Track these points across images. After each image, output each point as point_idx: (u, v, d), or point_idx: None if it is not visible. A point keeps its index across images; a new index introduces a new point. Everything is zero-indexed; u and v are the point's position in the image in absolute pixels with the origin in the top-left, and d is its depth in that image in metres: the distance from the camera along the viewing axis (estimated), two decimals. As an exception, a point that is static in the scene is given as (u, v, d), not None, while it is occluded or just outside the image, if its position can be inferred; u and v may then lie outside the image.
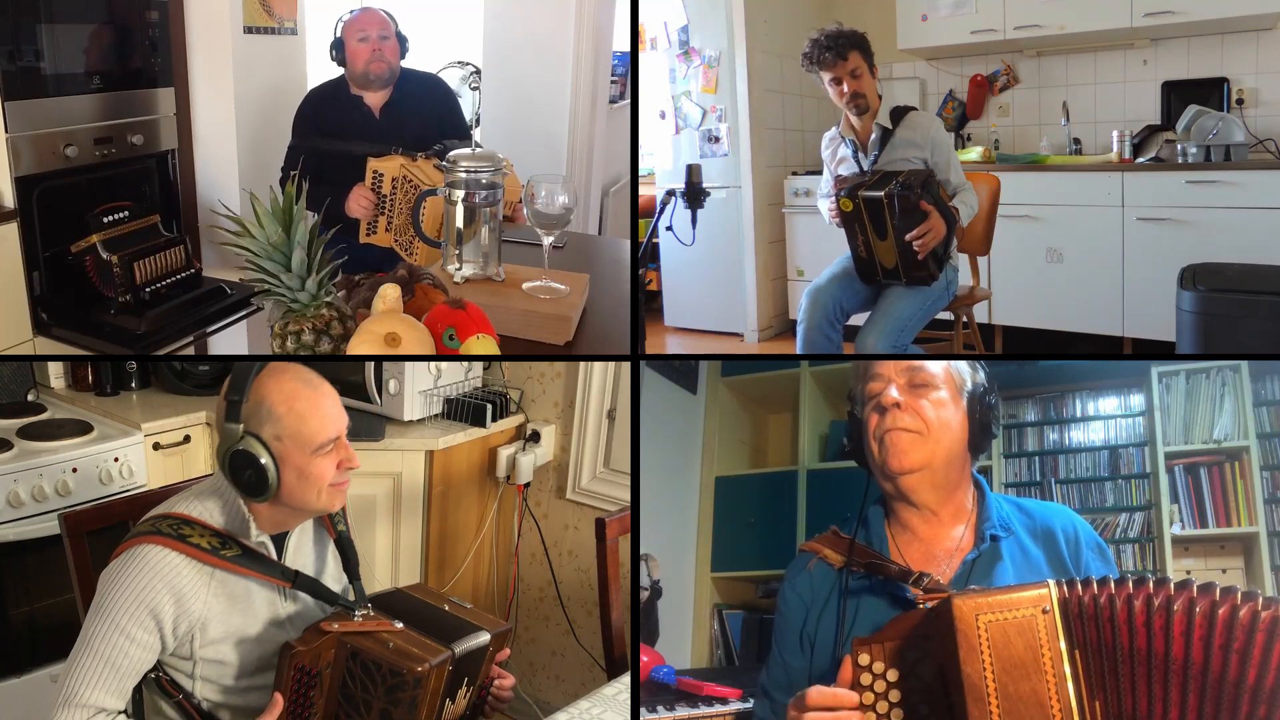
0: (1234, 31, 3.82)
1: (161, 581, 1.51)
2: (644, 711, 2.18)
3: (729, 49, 4.41)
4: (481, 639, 1.62)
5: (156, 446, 2.86)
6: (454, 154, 2.11)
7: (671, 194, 2.52)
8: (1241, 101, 3.83)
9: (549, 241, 2.08)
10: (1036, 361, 3.32)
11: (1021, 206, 3.84)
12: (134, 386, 3.12)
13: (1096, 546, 1.45)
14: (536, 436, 3.04)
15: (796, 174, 4.56)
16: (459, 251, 2.11)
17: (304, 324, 1.69)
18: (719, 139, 4.52)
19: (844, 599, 1.41)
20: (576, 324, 2.04)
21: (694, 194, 2.48)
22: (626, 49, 4.53)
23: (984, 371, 1.47)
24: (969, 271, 3.15)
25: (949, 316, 3.03)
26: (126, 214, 2.74)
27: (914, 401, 1.41)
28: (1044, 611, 1.17)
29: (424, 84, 3.12)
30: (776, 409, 3.43)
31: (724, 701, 2.26)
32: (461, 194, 2.06)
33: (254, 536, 1.60)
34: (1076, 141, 4.21)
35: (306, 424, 1.55)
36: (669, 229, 2.55)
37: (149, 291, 2.71)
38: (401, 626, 1.57)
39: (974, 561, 1.40)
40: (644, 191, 4.67)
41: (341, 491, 1.62)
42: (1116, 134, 3.88)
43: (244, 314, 2.89)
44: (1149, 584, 1.15)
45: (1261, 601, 1.11)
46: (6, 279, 2.58)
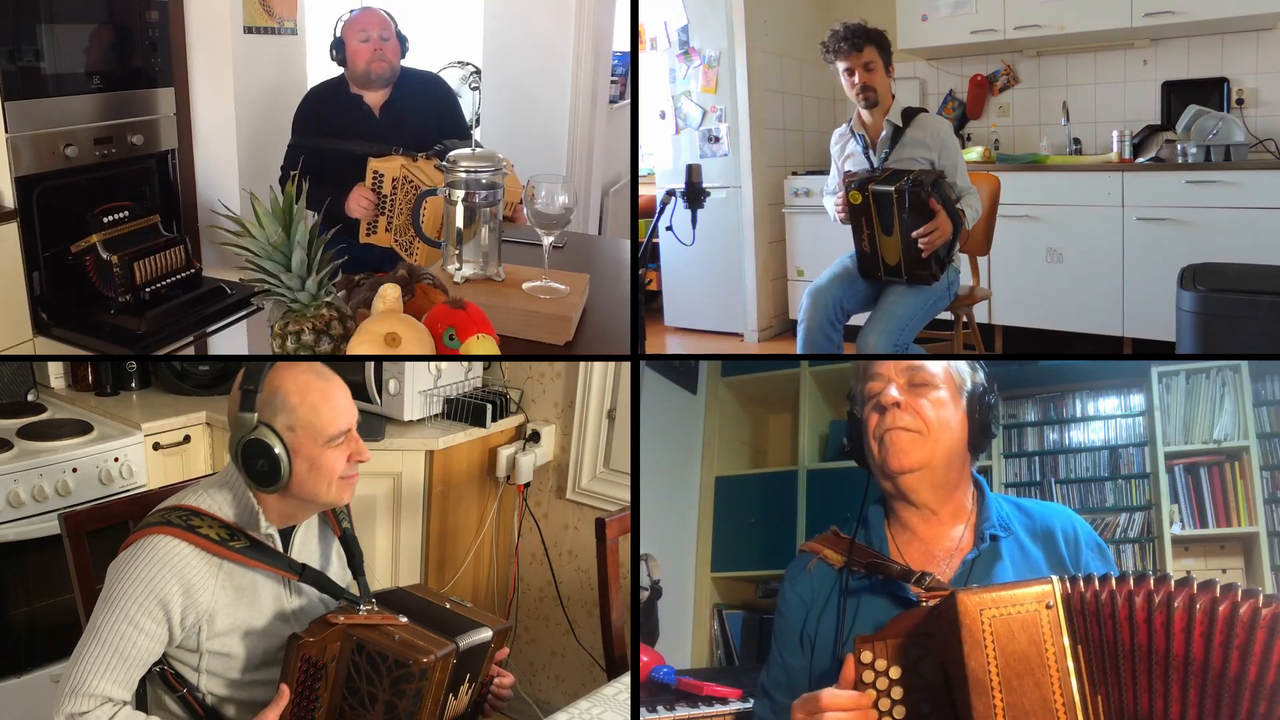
0: (1234, 31, 3.82)
1: (171, 571, 1.52)
2: (644, 711, 2.18)
3: (729, 49, 4.41)
4: (484, 635, 1.63)
5: (156, 446, 2.86)
6: (454, 154, 2.11)
7: (671, 194, 2.52)
8: (1241, 101, 3.83)
9: (549, 241, 2.09)
10: (1036, 361, 3.32)
11: (1021, 206, 3.84)
12: (134, 386, 3.12)
13: (1096, 546, 1.46)
14: (536, 436, 3.04)
15: (796, 174, 4.56)
16: (459, 251, 2.11)
17: (304, 324, 1.69)
18: (719, 139, 4.52)
19: (844, 599, 1.41)
20: (576, 324, 2.04)
21: (694, 194, 2.48)
22: (626, 49, 4.53)
23: (984, 371, 1.47)
24: (969, 271, 3.16)
25: (949, 316, 3.04)
26: (126, 214, 2.74)
27: (913, 401, 1.41)
28: (1048, 607, 1.17)
29: (424, 83, 3.12)
30: (776, 409, 3.43)
31: (724, 701, 2.25)
32: (461, 194, 2.06)
33: (263, 529, 1.61)
34: (1076, 141, 4.21)
35: (319, 414, 1.57)
36: (669, 229, 2.55)
37: (149, 291, 2.72)
38: (406, 621, 1.58)
39: (974, 561, 1.41)
40: (644, 191, 4.67)
41: (351, 485, 1.64)
42: (1116, 134, 3.89)
43: (244, 314, 2.89)
44: (1150, 580, 1.16)
45: (1262, 599, 1.11)
46: (6, 279, 2.58)
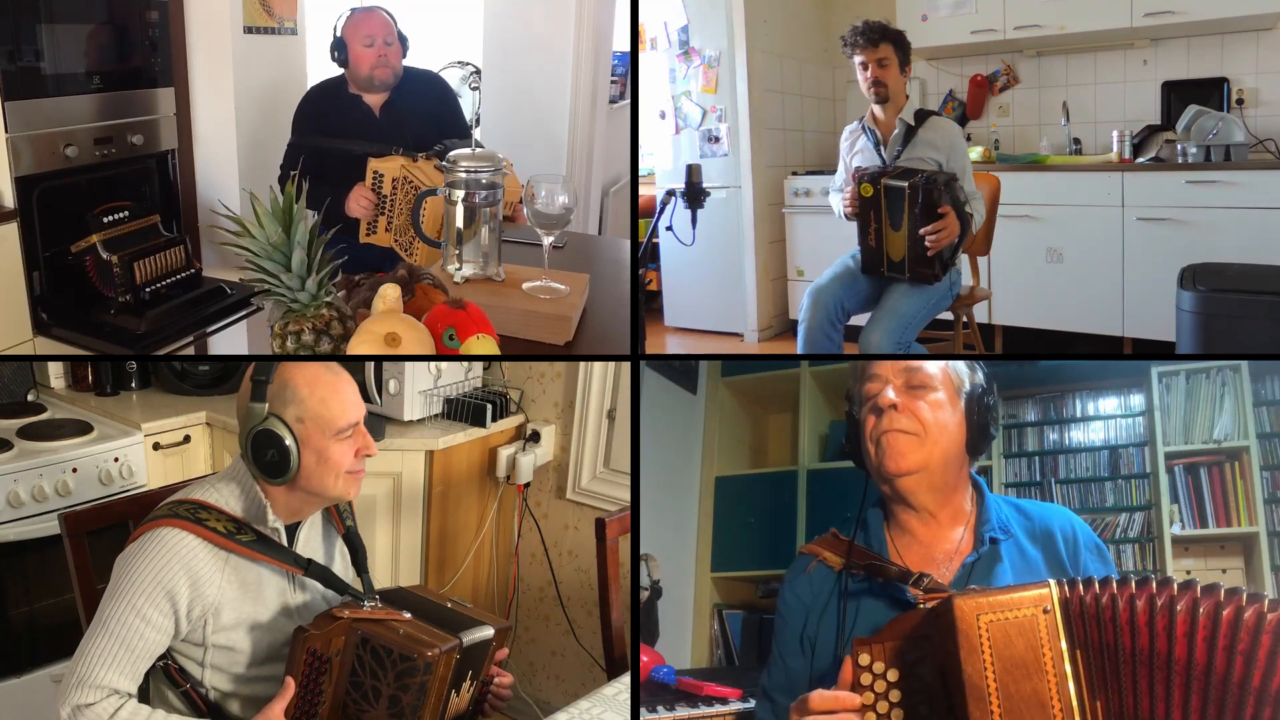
0: (1234, 31, 3.82)
1: (178, 563, 1.52)
2: (644, 711, 2.17)
3: (729, 49, 4.41)
4: (486, 632, 1.64)
5: (156, 446, 2.86)
6: (454, 154, 2.11)
7: (671, 194, 2.52)
8: (1241, 101, 3.83)
9: (549, 241, 2.08)
10: (1036, 361, 3.32)
11: (1021, 206, 3.84)
12: (134, 386, 3.12)
13: (1095, 547, 1.45)
14: (536, 436, 3.04)
15: (796, 174, 4.56)
16: (459, 251, 2.11)
17: (304, 324, 1.69)
18: (719, 139, 4.52)
19: (844, 601, 1.41)
20: (576, 324, 2.04)
21: (694, 194, 2.48)
22: (626, 49, 4.52)
23: (983, 372, 1.46)
24: (969, 271, 3.16)
25: (949, 316, 3.04)
26: (126, 214, 2.74)
27: (911, 403, 1.40)
28: (1045, 611, 1.17)
29: (424, 82, 3.11)
30: (776, 409, 3.43)
31: (724, 701, 2.25)
32: (461, 194, 2.06)
33: (270, 522, 1.61)
34: (1076, 141, 4.21)
35: (328, 407, 1.58)
36: (669, 229, 2.55)
37: (149, 291, 2.71)
38: (410, 617, 1.59)
39: (973, 564, 1.40)
40: (644, 191, 4.67)
41: (357, 480, 1.65)
42: (1116, 134, 3.88)
43: (244, 314, 2.89)
44: (1151, 584, 1.15)
45: (1268, 604, 1.10)
46: (6, 279, 2.58)
